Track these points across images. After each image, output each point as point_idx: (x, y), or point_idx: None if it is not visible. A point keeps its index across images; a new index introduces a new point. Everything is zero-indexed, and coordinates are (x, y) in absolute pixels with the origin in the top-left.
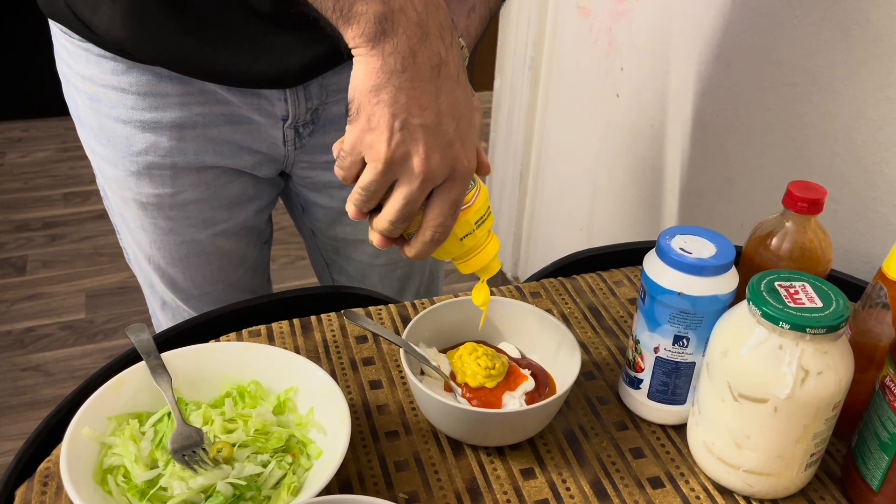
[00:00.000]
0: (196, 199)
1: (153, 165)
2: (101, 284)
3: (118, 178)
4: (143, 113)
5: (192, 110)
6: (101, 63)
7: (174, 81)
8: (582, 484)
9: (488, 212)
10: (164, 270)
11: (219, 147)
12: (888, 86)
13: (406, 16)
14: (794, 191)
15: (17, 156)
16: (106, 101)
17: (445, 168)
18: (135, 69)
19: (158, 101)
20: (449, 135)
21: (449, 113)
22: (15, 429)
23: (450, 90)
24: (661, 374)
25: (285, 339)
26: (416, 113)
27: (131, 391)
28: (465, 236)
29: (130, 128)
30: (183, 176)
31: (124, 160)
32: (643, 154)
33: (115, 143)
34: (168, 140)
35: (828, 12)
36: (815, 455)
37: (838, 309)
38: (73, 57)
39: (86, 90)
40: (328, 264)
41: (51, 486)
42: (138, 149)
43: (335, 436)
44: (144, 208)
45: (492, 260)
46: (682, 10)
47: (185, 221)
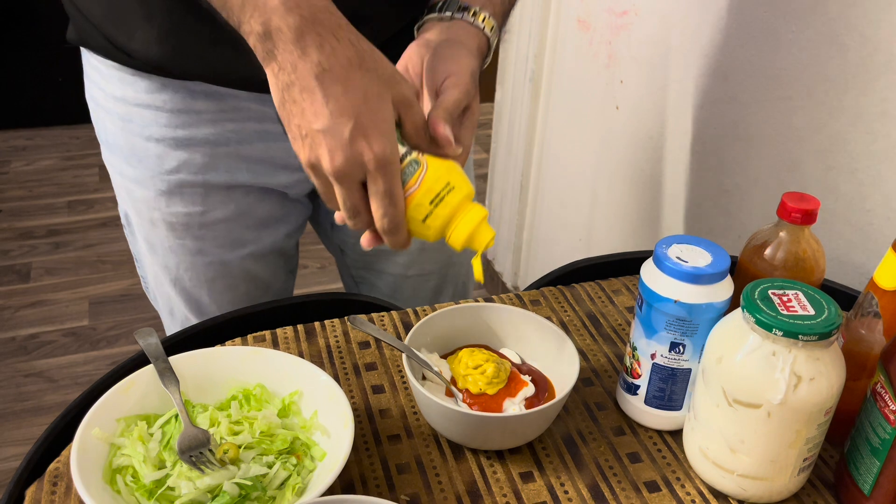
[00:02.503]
0: (225, 217)
1: (185, 183)
2: (104, 292)
3: (147, 198)
4: (177, 130)
5: (225, 127)
6: (136, 82)
7: (208, 98)
8: (580, 487)
9: (447, 188)
10: (190, 293)
11: (252, 165)
12: (882, 100)
13: (282, 35)
14: (789, 202)
15: (21, 164)
16: (138, 120)
17: (353, 164)
18: (169, 87)
19: (192, 118)
20: (345, 134)
21: (341, 114)
22: (18, 434)
23: (339, 94)
24: (657, 380)
25: (290, 344)
26: (311, 120)
27: (140, 393)
28: (425, 217)
29: (163, 146)
30: (214, 194)
31: (155, 179)
32: (642, 165)
33: (146, 162)
34: (201, 157)
35: (823, 27)
36: (808, 460)
37: (830, 316)
38: (105, 79)
39: (117, 111)
40: (357, 283)
41: (60, 486)
42: (170, 167)
43: (338, 438)
44: (173, 228)
45: (474, 231)
46: (680, 24)
47: (213, 242)
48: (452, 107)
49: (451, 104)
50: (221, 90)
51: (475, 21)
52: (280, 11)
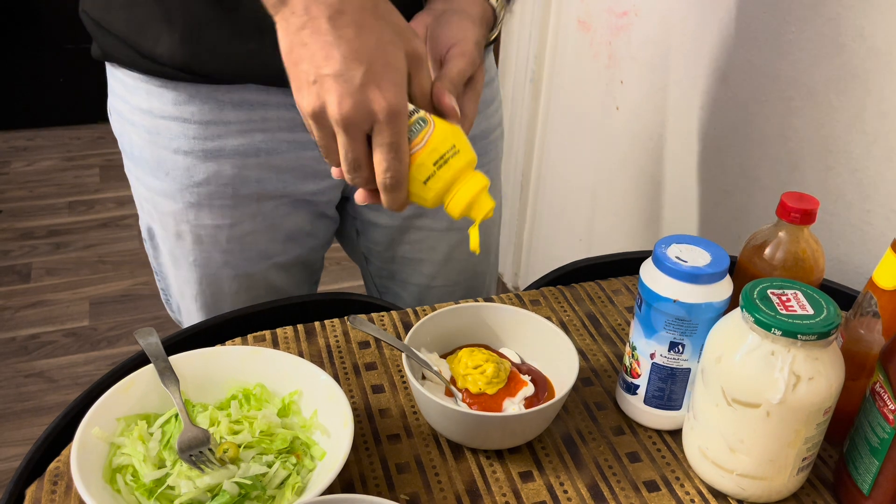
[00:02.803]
0: (253, 230)
1: (214, 195)
2: (104, 292)
3: (175, 211)
4: (206, 142)
5: (254, 137)
6: (163, 94)
7: (236, 109)
8: (579, 487)
9: (453, 150)
10: (212, 307)
11: (282, 175)
12: (882, 100)
13: None
14: (788, 202)
15: (22, 164)
16: (165, 132)
17: (363, 111)
18: (196, 98)
19: (221, 129)
20: (356, 79)
21: (354, 59)
22: (18, 434)
23: (352, 37)
24: (657, 379)
25: (290, 344)
26: (321, 64)
27: (140, 393)
28: (427, 179)
29: (192, 158)
30: (243, 206)
31: (184, 192)
32: (642, 166)
33: (173, 175)
34: (231, 168)
35: (823, 28)
36: (807, 459)
37: (829, 316)
38: (130, 91)
39: (143, 124)
40: (381, 293)
41: (60, 485)
42: (199, 179)
43: (338, 438)
44: (200, 241)
45: (474, 198)
46: (680, 25)
47: (240, 254)
48: (457, 77)
49: (455, 74)
50: (250, 98)
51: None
52: None
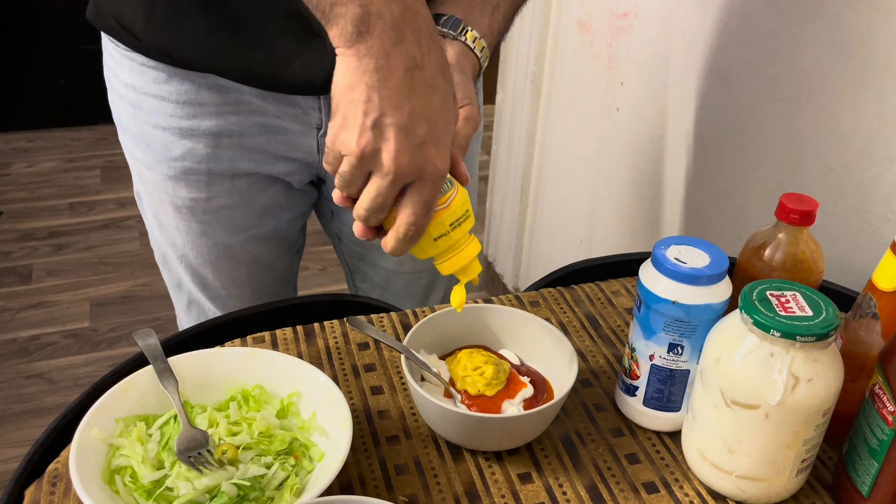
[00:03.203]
0: (229, 205)
1: (189, 171)
2: (105, 293)
3: (156, 181)
4: (182, 121)
5: (228, 119)
6: (144, 72)
7: (212, 91)
8: (578, 488)
9: (466, 215)
10: (196, 269)
11: (253, 155)
12: (881, 101)
13: (382, 20)
14: (787, 203)
15: (23, 166)
16: (147, 108)
17: (415, 168)
18: (175, 78)
19: (196, 109)
20: (420, 136)
21: (422, 115)
22: (18, 436)
23: (424, 94)
24: (656, 381)
25: (289, 345)
26: (388, 112)
27: (139, 394)
28: (439, 237)
29: (169, 134)
30: (217, 182)
31: (162, 165)
32: (642, 167)
33: (153, 148)
34: (204, 147)
35: (823, 29)
36: (806, 461)
37: (828, 318)
38: (118, 65)
39: (128, 97)
40: (352, 271)
41: (59, 486)
42: (176, 154)
43: (337, 439)
44: (180, 211)
45: (470, 262)
46: (680, 26)
47: (218, 226)
48: (465, 142)
49: (464, 140)
50: (225, 83)
51: (474, 46)
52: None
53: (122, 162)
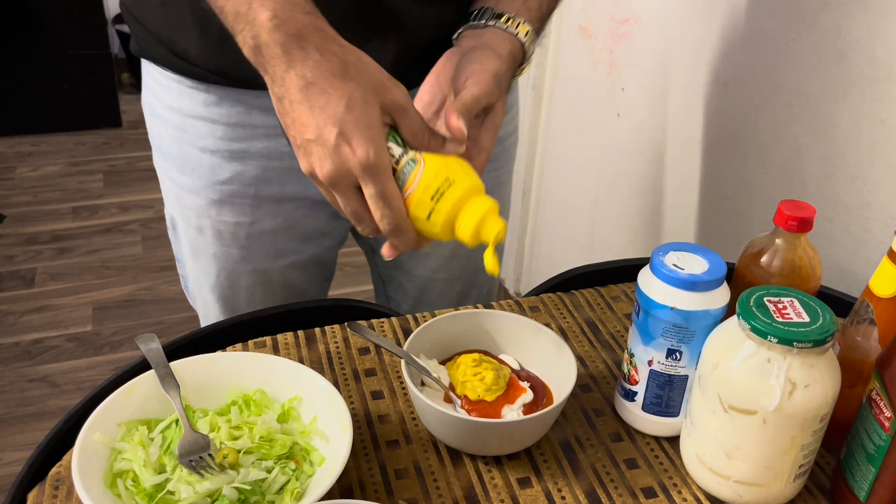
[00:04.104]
0: (273, 229)
1: (236, 194)
2: (107, 297)
3: (198, 206)
4: (232, 143)
5: (279, 141)
6: (193, 95)
7: (264, 113)
8: (577, 493)
9: (447, 182)
10: (228, 300)
11: (302, 177)
12: (881, 108)
13: (270, 49)
14: (785, 209)
15: (27, 170)
16: (194, 131)
17: (341, 170)
18: (226, 101)
19: (247, 132)
20: (331, 142)
21: (326, 123)
22: (21, 439)
23: (322, 104)
24: (654, 386)
25: (290, 350)
26: (302, 131)
27: (141, 398)
28: (429, 215)
29: (217, 157)
30: (264, 206)
31: (207, 189)
32: (643, 173)
33: (199, 172)
34: (254, 169)
35: (823, 36)
36: (803, 466)
37: (825, 324)
38: (163, 89)
39: (173, 121)
40: (385, 282)
41: (62, 489)
42: (223, 178)
43: (337, 443)
44: (221, 237)
45: (481, 221)
46: (681, 32)
47: (258, 250)
48: (470, 102)
49: (468, 99)
50: None
51: (508, 27)
52: (268, 28)
53: (125, 166)
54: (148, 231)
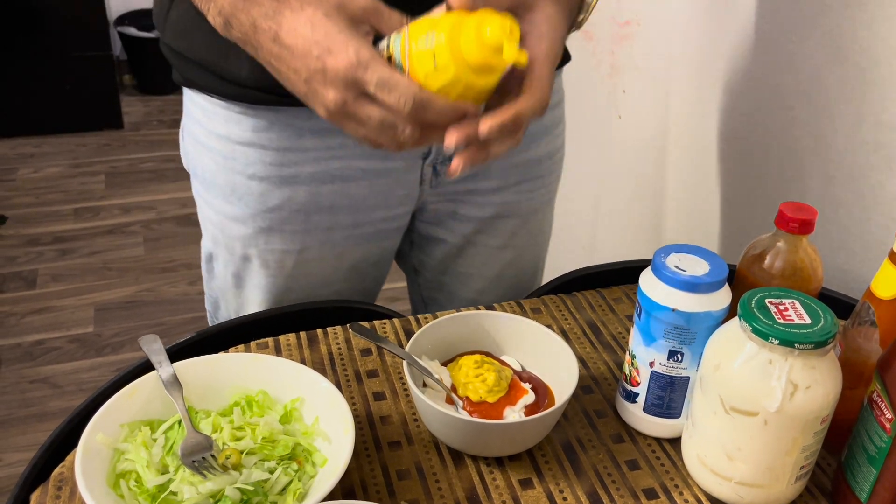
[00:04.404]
0: (321, 257)
1: (286, 220)
2: (109, 299)
3: (244, 235)
4: (282, 168)
5: (330, 165)
6: (242, 121)
7: (315, 136)
8: (578, 494)
9: (432, 23)
10: None
11: (354, 202)
12: (882, 110)
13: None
14: (786, 211)
15: (29, 171)
16: (242, 158)
17: (339, 85)
18: (276, 125)
19: (298, 156)
20: (317, 67)
21: (305, 55)
22: (23, 440)
23: (291, 43)
24: (656, 388)
25: (292, 351)
26: (297, 80)
27: (143, 399)
28: (434, 67)
29: (266, 184)
30: (313, 233)
31: (256, 217)
32: (644, 175)
33: (247, 200)
34: (304, 194)
35: (824, 38)
36: (804, 468)
37: (826, 325)
38: (208, 116)
39: (219, 149)
40: (427, 303)
41: (65, 490)
42: (272, 204)
43: (339, 444)
44: (267, 266)
45: (476, 34)
46: (682, 34)
47: (304, 280)
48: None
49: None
50: (328, 126)
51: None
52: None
53: (127, 168)
54: (150, 232)
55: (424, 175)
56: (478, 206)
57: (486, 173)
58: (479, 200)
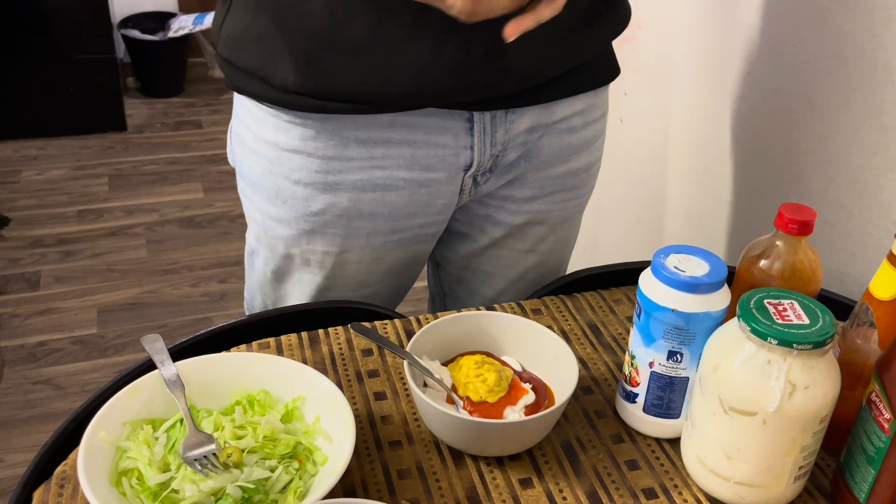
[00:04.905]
0: (359, 260)
1: (328, 224)
2: (112, 300)
3: (287, 236)
4: (328, 176)
5: (373, 174)
6: (290, 129)
7: (360, 146)
8: (578, 494)
9: None
10: None
11: (394, 210)
12: (882, 113)
13: None
14: (785, 213)
15: (32, 173)
16: (288, 164)
17: None
18: (323, 134)
19: (343, 164)
20: None
21: None
22: (26, 441)
23: None
24: (655, 388)
25: (294, 351)
26: None
27: (146, 398)
28: None
29: (311, 189)
30: (354, 237)
31: (300, 220)
32: (646, 177)
33: (291, 203)
34: (347, 201)
35: (825, 42)
36: (803, 468)
37: (824, 326)
38: (257, 122)
39: (267, 154)
40: (446, 294)
41: (67, 488)
42: (316, 209)
43: (340, 443)
44: (308, 264)
45: None
46: (684, 38)
47: (341, 280)
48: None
49: None
50: (374, 137)
51: None
52: None
53: (130, 170)
54: (152, 234)
55: (464, 185)
56: (511, 212)
57: (522, 182)
58: (513, 207)
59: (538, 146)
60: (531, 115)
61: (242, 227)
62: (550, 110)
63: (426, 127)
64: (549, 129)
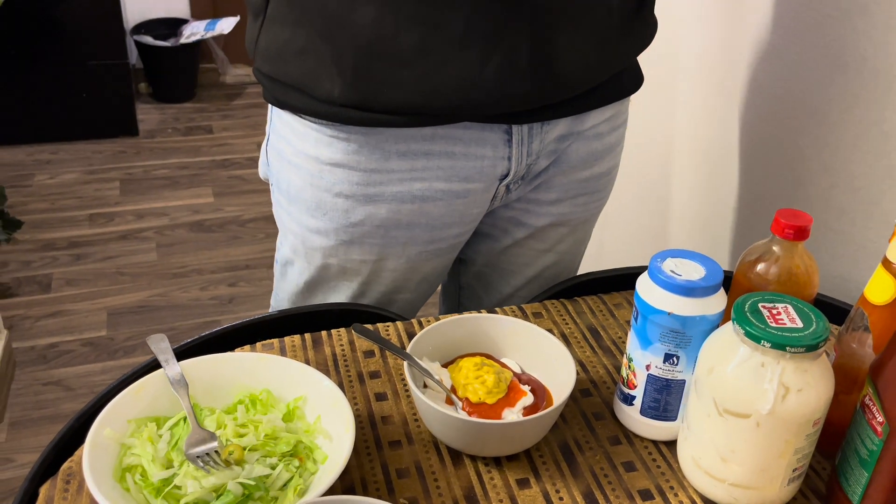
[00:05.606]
0: (395, 268)
1: (367, 234)
2: (122, 303)
3: (326, 246)
4: (368, 188)
5: (412, 186)
6: (333, 143)
7: (402, 158)
8: (575, 494)
9: None
10: None
11: (431, 220)
12: (883, 120)
13: None
14: (782, 218)
15: (45, 177)
16: (330, 177)
17: None
18: (366, 148)
19: (384, 177)
20: None
21: None
22: (35, 441)
23: None
24: (652, 391)
25: (297, 352)
26: None
27: (150, 396)
28: None
29: (351, 201)
30: (391, 246)
31: (339, 231)
32: (649, 183)
33: (331, 215)
34: (386, 212)
35: (826, 49)
36: (797, 470)
37: (818, 330)
38: (298, 136)
39: (308, 167)
40: (462, 288)
41: (73, 483)
42: (355, 220)
43: (340, 442)
44: (345, 272)
45: None
46: (687, 44)
47: (376, 287)
48: None
49: None
50: (415, 149)
51: None
52: None
53: (141, 175)
54: (162, 238)
55: (498, 192)
56: (536, 215)
57: (549, 186)
58: (538, 210)
59: (567, 152)
60: (564, 123)
61: (251, 232)
62: (582, 119)
63: (466, 139)
64: (580, 136)
